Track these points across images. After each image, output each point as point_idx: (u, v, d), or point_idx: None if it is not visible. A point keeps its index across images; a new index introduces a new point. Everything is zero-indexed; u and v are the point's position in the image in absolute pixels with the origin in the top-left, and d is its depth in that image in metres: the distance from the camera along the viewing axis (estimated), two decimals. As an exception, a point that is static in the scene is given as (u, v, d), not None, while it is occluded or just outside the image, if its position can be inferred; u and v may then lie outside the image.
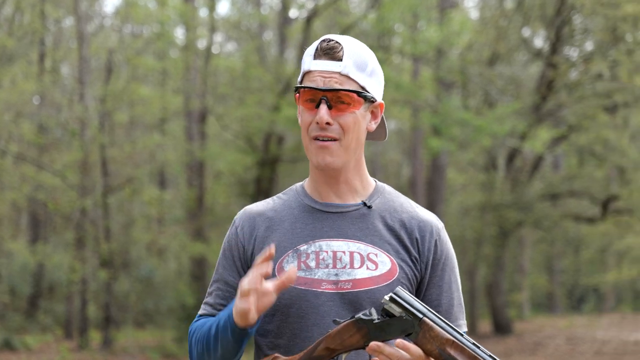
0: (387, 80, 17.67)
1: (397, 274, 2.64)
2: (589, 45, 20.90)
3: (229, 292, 2.73)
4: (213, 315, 2.72)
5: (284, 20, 19.47)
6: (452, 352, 2.39)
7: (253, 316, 2.47)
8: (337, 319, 2.47)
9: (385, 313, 2.43)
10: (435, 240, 2.70)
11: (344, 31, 18.26)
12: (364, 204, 2.71)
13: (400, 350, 2.40)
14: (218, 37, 19.71)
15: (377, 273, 2.63)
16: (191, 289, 17.74)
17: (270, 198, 2.81)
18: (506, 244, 21.67)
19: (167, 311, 18.07)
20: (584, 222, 23.34)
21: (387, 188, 2.79)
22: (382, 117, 2.78)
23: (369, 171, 2.78)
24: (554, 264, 30.41)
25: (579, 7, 19.20)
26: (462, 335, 2.40)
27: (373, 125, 2.71)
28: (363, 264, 2.62)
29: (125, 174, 18.69)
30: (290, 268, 2.47)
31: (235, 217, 2.78)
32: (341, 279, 2.61)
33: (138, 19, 19.39)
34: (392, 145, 32.97)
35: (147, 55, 20.19)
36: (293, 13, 19.94)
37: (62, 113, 18.57)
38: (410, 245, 2.67)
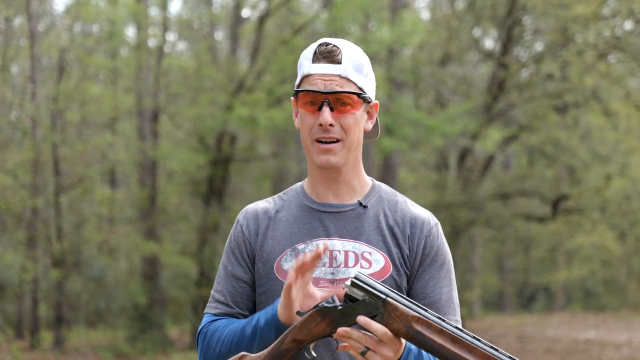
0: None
1: (391, 271, 2.73)
2: (539, 46, 21.07)
3: (242, 287, 2.81)
4: (231, 314, 2.80)
5: (237, 19, 19.45)
6: (418, 327, 2.43)
7: (293, 316, 2.54)
8: (300, 311, 2.52)
9: (348, 298, 2.47)
10: (426, 237, 2.78)
11: (297, 31, 18.31)
12: (360, 203, 2.79)
13: (368, 333, 2.44)
14: (170, 36, 19.67)
15: (370, 271, 2.71)
16: (143, 288, 17.69)
17: (271, 197, 2.91)
18: (458, 243, 21.80)
19: (119, 310, 18.00)
20: (535, 221, 23.55)
21: (384, 187, 2.87)
22: (377, 118, 2.88)
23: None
24: (505, 263, 30.63)
25: (530, 8, 19.36)
26: (426, 310, 2.45)
27: (369, 125, 2.81)
28: (357, 262, 2.71)
29: (77, 173, 18.55)
30: (317, 250, 2.52)
31: (238, 217, 2.87)
32: (337, 277, 2.70)
33: (89, 17, 19.26)
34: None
35: (99, 54, 20.08)
36: (245, 12, 19.93)
37: (13, 112, 18.41)
38: (403, 243, 2.76)
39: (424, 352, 2.58)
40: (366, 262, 2.73)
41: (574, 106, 20.00)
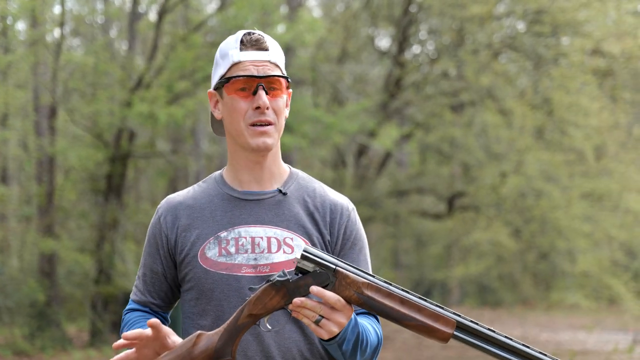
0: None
1: None
2: (433, 45, 21.30)
3: (154, 278, 2.96)
4: (144, 302, 2.98)
5: (134, 15, 19.31)
6: (369, 293, 2.57)
7: None
8: (253, 286, 2.65)
9: (299, 271, 2.59)
10: (346, 222, 2.91)
11: (196, 28, 18.25)
12: (280, 190, 2.90)
13: (321, 302, 2.57)
14: (65, 32, 19.38)
15: (293, 256, 2.83)
16: (42, 285, 17.47)
17: (190, 187, 3.02)
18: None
19: (16, 308, 17.75)
20: (431, 218, 23.81)
21: (301, 174, 3.01)
22: None
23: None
24: (400, 259, 30.90)
25: (427, 8, 19.56)
26: (374, 276, 2.59)
27: (287, 112, 2.94)
28: (280, 248, 2.83)
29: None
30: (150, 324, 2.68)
31: (158, 207, 2.99)
32: (260, 263, 2.81)
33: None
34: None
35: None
36: (142, 8, 19.78)
37: None
38: (324, 227, 2.89)
39: (359, 323, 2.72)
40: (288, 248, 2.84)
41: (470, 105, 20.27)
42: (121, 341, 2.69)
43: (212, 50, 17.94)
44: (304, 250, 2.60)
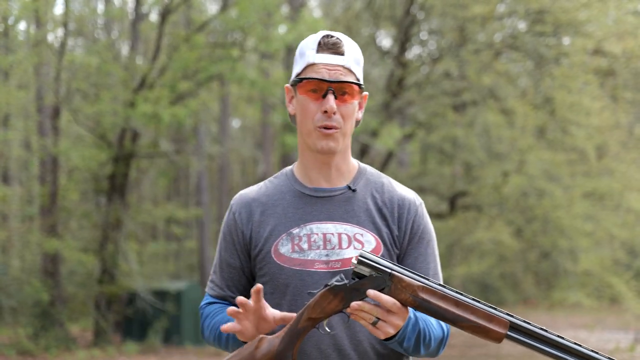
0: (243, 78, 17.81)
1: (382, 251, 2.92)
2: (436, 44, 21.32)
3: (232, 272, 3.04)
4: (223, 296, 3.07)
5: (137, 16, 19.35)
6: (424, 295, 2.64)
7: (254, 335, 2.78)
8: (312, 291, 2.75)
9: (356, 275, 2.67)
10: (414, 216, 2.97)
11: (200, 28, 18.28)
12: (349, 187, 2.97)
13: (378, 305, 2.65)
14: (68, 32, 19.40)
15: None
16: (46, 285, 17.51)
17: (262, 183, 3.08)
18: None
19: (20, 308, 17.80)
20: (433, 217, 23.80)
21: (369, 169, 3.06)
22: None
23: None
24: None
25: (429, 8, 19.59)
26: (429, 279, 2.66)
27: (360, 115, 2.99)
28: (350, 244, 2.90)
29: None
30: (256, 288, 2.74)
31: (231, 203, 3.05)
32: (331, 258, 2.88)
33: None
34: (244, 142, 33.03)
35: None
36: (145, 9, 19.82)
37: None
38: (392, 223, 2.95)
39: (419, 320, 2.81)
40: (359, 244, 2.92)
41: (472, 104, 20.29)
42: (229, 324, 2.79)
43: (215, 51, 17.99)
44: (360, 256, 2.67)
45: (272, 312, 2.79)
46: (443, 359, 17.78)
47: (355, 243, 2.91)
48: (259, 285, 2.74)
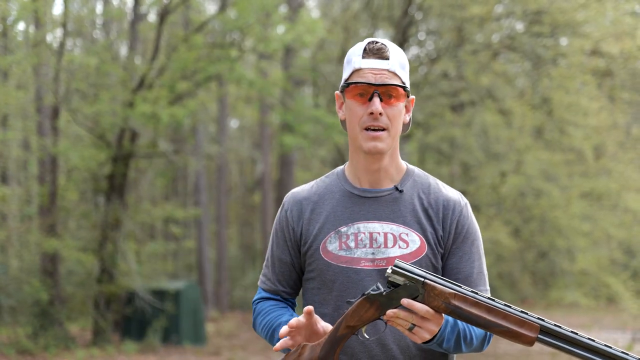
0: (241, 78, 17.85)
1: (426, 250, 3.04)
2: (434, 45, 21.36)
3: (283, 267, 3.18)
4: (275, 290, 3.20)
5: (136, 16, 19.39)
6: (456, 302, 2.74)
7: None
8: (350, 300, 2.87)
9: (391, 284, 2.78)
10: (458, 217, 3.09)
11: (198, 29, 18.31)
12: (396, 188, 3.08)
13: (413, 312, 2.75)
14: (62, 32, 19.39)
15: (408, 251, 3.03)
16: (45, 285, 17.53)
17: (313, 182, 3.22)
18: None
19: (19, 307, 17.83)
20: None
21: (417, 171, 3.17)
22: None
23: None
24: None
25: (427, 8, 19.63)
26: (460, 286, 2.76)
27: (407, 118, 3.14)
28: (395, 243, 3.02)
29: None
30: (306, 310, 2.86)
31: (284, 201, 3.19)
32: (377, 257, 3.01)
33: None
34: (242, 142, 33.04)
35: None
36: (144, 9, 19.86)
37: None
38: (437, 223, 3.07)
39: (458, 322, 2.93)
40: (404, 243, 3.03)
41: (470, 105, 20.35)
42: (281, 342, 2.90)
43: (214, 51, 18.03)
44: (395, 266, 2.77)
45: (323, 325, 2.90)
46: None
47: (400, 242, 3.03)
48: (309, 308, 2.85)
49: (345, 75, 3.09)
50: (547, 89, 18.48)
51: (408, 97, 3.12)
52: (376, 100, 2.99)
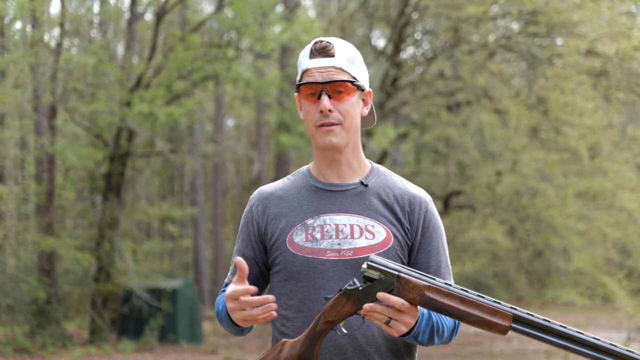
0: (238, 78, 17.89)
1: (392, 242, 3.08)
2: (430, 45, 21.40)
3: (245, 262, 3.06)
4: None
5: (133, 16, 19.42)
6: (430, 294, 2.80)
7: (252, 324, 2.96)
8: (328, 296, 2.92)
9: (366, 279, 2.84)
10: (425, 212, 3.14)
11: (195, 28, 18.34)
12: (361, 182, 3.14)
13: (389, 305, 2.80)
14: (59, 31, 19.40)
15: (374, 242, 3.07)
16: (42, 283, 17.57)
17: (280, 180, 3.26)
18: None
19: (16, 306, 17.85)
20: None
21: (381, 168, 3.24)
22: (372, 105, 3.22)
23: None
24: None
25: (423, 8, 19.67)
26: (434, 279, 2.82)
27: (365, 111, 3.18)
28: (362, 234, 3.06)
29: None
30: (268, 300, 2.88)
31: (251, 197, 3.24)
32: (343, 247, 3.05)
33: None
34: (238, 141, 33.05)
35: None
36: (141, 9, 19.88)
37: None
38: (403, 217, 3.12)
39: (432, 315, 2.98)
40: (370, 234, 3.07)
41: (466, 104, 20.39)
42: (231, 307, 2.94)
43: (210, 51, 18.07)
44: (370, 261, 2.82)
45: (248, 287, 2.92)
46: (436, 357, 17.88)
47: (367, 233, 3.06)
48: (238, 259, 2.90)
49: (297, 78, 3.15)
50: (543, 89, 18.54)
51: (363, 90, 3.15)
52: (324, 97, 3.04)
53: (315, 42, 3.11)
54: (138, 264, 20.16)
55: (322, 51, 3.08)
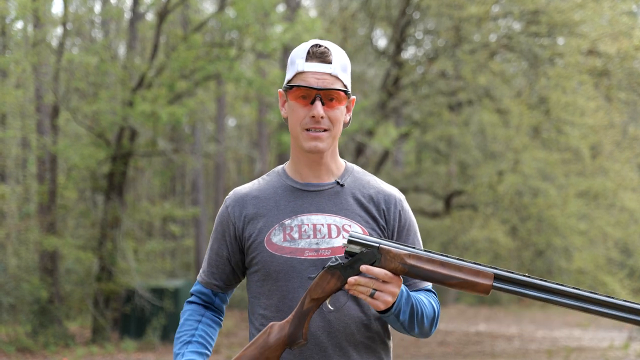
0: (240, 77, 17.91)
1: None
2: (432, 44, 21.41)
3: (219, 261, 3.26)
4: (207, 284, 3.31)
5: (134, 16, 19.43)
6: (412, 262, 2.89)
7: None
8: (311, 275, 3.00)
9: (348, 254, 2.92)
10: (399, 210, 3.21)
11: (197, 28, 18.37)
12: (338, 182, 3.19)
13: (373, 277, 2.88)
14: (61, 31, 19.43)
15: None
16: (45, 283, 17.59)
17: (255, 180, 3.29)
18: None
19: (19, 305, 17.88)
20: (428, 216, 23.94)
21: (356, 168, 3.30)
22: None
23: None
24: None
25: (425, 8, 19.69)
26: (414, 247, 2.91)
27: (348, 117, 3.22)
28: (339, 233, 3.12)
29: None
30: None
31: (226, 198, 3.27)
32: (321, 247, 3.10)
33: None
34: (240, 141, 33.08)
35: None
36: (143, 8, 19.90)
37: None
38: (378, 216, 3.18)
39: (411, 295, 3.04)
40: (347, 233, 3.11)
41: (467, 104, 20.40)
42: None
43: (212, 50, 18.10)
44: (350, 236, 2.92)
45: None
46: (438, 357, 17.90)
47: (344, 233, 3.11)
48: None
49: (288, 76, 3.16)
50: (544, 89, 18.56)
51: (349, 98, 3.19)
52: (318, 104, 3.08)
53: (314, 46, 3.13)
54: (140, 263, 20.17)
55: (320, 56, 3.11)
